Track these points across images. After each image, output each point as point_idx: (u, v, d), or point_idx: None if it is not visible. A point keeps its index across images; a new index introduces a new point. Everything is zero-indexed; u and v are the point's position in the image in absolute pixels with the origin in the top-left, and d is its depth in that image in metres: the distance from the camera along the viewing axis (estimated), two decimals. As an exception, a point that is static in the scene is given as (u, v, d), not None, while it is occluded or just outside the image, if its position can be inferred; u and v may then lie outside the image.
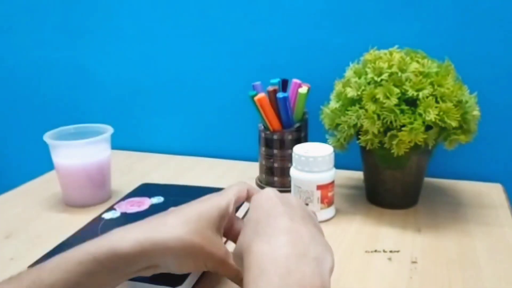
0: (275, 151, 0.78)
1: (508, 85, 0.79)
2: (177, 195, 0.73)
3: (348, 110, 0.66)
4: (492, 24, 0.77)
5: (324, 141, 0.71)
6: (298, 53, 0.87)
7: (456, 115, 0.62)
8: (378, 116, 0.63)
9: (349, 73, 0.70)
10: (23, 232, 0.69)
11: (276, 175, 0.79)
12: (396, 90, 0.62)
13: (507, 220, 0.68)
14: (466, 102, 0.65)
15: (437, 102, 0.62)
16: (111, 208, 0.70)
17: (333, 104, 0.69)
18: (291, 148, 0.71)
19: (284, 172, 0.78)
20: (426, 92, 0.62)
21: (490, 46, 0.78)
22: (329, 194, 0.68)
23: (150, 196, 0.74)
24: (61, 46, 1.02)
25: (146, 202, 0.72)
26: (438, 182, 0.81)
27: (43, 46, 1.03)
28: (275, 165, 0.79)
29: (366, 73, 0.66)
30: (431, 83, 0.63)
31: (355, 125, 0.65)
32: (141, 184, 0.79)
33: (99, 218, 0.68)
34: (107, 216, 0.68)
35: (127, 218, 0.67)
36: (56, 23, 1.01)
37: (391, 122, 0.63)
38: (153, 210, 0.69)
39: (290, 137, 0.77)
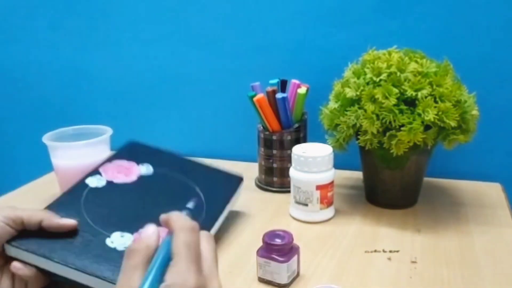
0: (274, 152, 0.78)
1: (507, 85, 0.79)
2: (167, 165, 0.68)
3: (347, 110, 0.66)
4: (491, 24, 0.77)
5: (323, 141, 0.71)
6: (297, 54, 0.87)
7: (455, 115, 0.62)
8: (377, 116, 0.63)
9: (348, 73, 0.70)
10: (22, 233, 0.68)
11: (276, 176, 0.79)
12: (395, 90, 0.63)
13: (507, 219, 0.68)
14: (465, 101, 0.65)
15: (436, 102, 0.62)
16: (96, 171, 0.64)
17: (332, 104, 0.69)
18: (290, 149, 0.71)
19: (284, 173, 0.78)
20: (425, 92, 0.62)
21: (489, 45, 0.78)
22: (329, 194, 0.68)
23: (138, 161, 0.67)
24: (60, 47, 1.02)
25: (134, 170, 0.65)
26: (437, 181, 0.81)
27: (42, 47, 1.03)
28: (275, 165, 0.79)
29: (365, 73, 0.66)
30: (430, 83, 0.63)
31: (354, 125, 0.65)
32: (130, 142, 0.72)
33: (82, 183, 0.61)
34: (92, 183, 0.62)
35: (114, 189, 0.62)
36: (55, 24, 1.01)
37: (390, 122, 0.63)
38: (141, 184, 0.64)
39: (289, 137, 0.77)
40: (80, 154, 0.74)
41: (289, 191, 0.71)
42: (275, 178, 0.80)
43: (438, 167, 0.82)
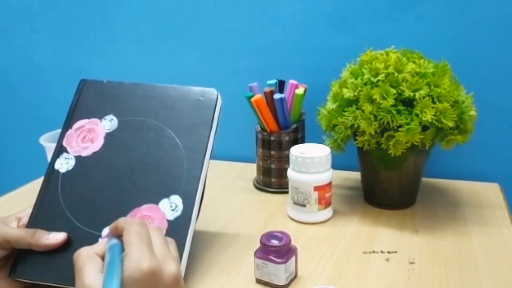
0: (272, 152, 0.78)
1: (505, 85, 0.79)
2: (130, 109, 0.61)
3: (345, 111, 0.66)
4: (489, 24, 0.77)
5: (321, 142, 0.71)
6: (294, 54, 0.87)
7: (452, 116, 0.62)
8: (375, 116, 0.63)
9: (345, 73, 0.70)
10: (19, 235, 0.68)
11: (274, 176, 0.79)
12: (393, 91, 0.62)
13: (505, 220, 0.68)
14: (463, 102, 0.65)
15: (433, 102, 0.62)
16: (61, 147, 0.59)
17: (330, 105, 0.69)
18: (288, 149, 0.71)
19: (282, 173, 0.78)
20: (422, 92, 0.62)
21: (487, 46, 0.78)
22: (327, 195, 0.68)
23: (99, 116, 0.61)
24: (58, 48, 1.02)
25: (98, 131, 0.59)
26: (435, 182, 0.81)
27: (40, 48, 1.03)
28: (272, 166, 0.79)
29: (363, 74, 0.66)
30: (428, 84, 0.63)
31: (352, 126, 0.65)
32: (82, 82, 0.64)
33: (53, 170, 0.58)
34: (62, 167, 0.58)
35: (86, 168, 0.57)
36: (53, 25, 1.01)
37: (388, 123, 0.63)
38: (110, 146, 0.58)
39: (287, 138, 0.77)
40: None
41: (287, 192, 0.71)
42: (273, 179, 0.79)
43: (436, 168, 0.82)
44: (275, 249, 0.53)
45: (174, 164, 0.57)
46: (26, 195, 0.82)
